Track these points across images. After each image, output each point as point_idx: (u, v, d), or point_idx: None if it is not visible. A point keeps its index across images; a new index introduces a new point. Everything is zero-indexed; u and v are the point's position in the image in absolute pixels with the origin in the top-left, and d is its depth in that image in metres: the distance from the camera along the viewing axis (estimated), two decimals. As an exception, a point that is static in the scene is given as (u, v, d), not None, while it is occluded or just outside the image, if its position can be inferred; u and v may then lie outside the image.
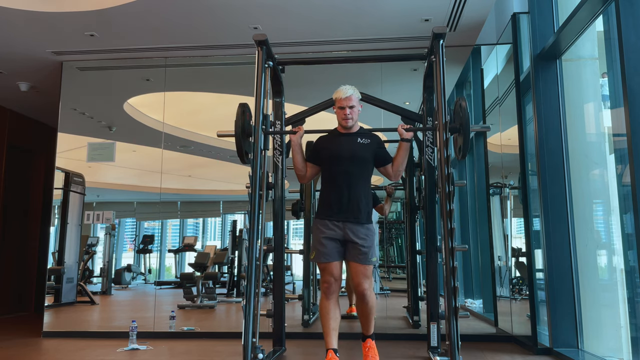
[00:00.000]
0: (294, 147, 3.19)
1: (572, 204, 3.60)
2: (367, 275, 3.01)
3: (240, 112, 3.20)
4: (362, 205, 3.06)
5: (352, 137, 3.15)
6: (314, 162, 3.23)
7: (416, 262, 4.61)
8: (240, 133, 3.14)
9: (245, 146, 3.19)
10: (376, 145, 3.17)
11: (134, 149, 5.17)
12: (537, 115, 3.73)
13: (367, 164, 3.14)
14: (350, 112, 3.10)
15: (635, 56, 2.62)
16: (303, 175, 3.24)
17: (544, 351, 3.58)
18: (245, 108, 3.23)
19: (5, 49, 4.68)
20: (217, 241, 5.77)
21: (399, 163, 3.14)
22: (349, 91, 3.10)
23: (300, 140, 3.21)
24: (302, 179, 3.32)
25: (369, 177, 3.18)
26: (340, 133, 3.19)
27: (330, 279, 3.01)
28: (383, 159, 3.17)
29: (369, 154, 3.13)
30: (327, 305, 2.99)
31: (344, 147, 3.12)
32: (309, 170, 3.24)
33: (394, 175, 3.18)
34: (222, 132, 3.28)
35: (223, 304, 5.39)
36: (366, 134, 3.20)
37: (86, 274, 5.27)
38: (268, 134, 3.28)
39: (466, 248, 3.89)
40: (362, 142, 3.14)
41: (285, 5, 3.93)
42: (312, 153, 3.25)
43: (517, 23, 4.01)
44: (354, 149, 3.11)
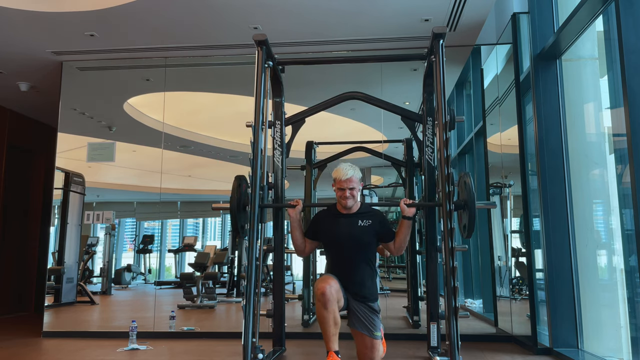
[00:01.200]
0: (293, 223, 3.14)
1: (572, 204, 3.60)
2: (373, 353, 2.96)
3: (236, 185, 3.14)
4: (366, 285, 3.02)
5: (352, 219, 3.08)
6: (313, 238, 3.19)
7: (416, 262, 4.61)
8: (236, 207, 3.10)
9: (241, 220, 3.15)
10: (378, 226, 3.09)
11: (134, 149, 5.17)
12: (537, 115, 3.73)
13: (370, 246, 3.08)
14: (350, 193, 3.03)
15: (635, 56, 2.62)
16: (302, 250, 3.20)
17: (544, 351, 3.58)
18: (242, 181, 3.18)
19: (5, 49, 4.68)
20: (217, 241, 5.78)
21: (400, 240, 3.10)
22: (349, 172, 3.03)
23: (298, 215, 3.15)
24: (301, 254, 3.28)
25: (372, 257, 3.14)
26: (340, 213, 3.12)
27: (325, 286, 2.83)
28: (385, 236, 3.11)
29: (371, 236, 3.07)
30: (324, 314, 2.83)
31: (343, 230, 3.05)
32: (308, 246, 3.21)
33: (396, 251, 3.14)
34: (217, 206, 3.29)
35: (223, 304, 5.39)
36: (367, 213, 3.11)
37: (86, 274, 5.27)
38: (264, 207, 3.23)
39: (466, 248, 3.90)
40: (362, 225, 3.06)
41: (285, 5, 3.93)
42: (311, 231, 3.19)
43: (517, 23, 4.01)
44: (355, 234, 3.04)
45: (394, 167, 4.88)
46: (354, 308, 3.01)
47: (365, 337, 2.98)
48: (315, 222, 3.20)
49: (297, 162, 4.66)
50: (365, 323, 2.98)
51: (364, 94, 3.67)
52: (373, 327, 2.98)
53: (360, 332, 2.98)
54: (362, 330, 2.98)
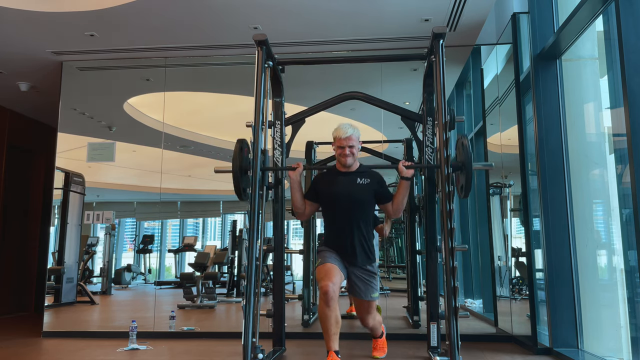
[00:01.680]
0: (293, 185, 3.16)
1: (572, 204, 3.60)
2: (370, 312, 3.11)
3: (238, 148, 3.16)
4: (364, 246, 3.07)
5: (351, 177, 3.12)
6: (313, 200, 3.22)
7: (416, 262, 4.61)
8: (238, 170, 3.12)
9: (242, 183, 3.16)
10: (376, 185, 3.14)
11: (134, 149, 5.17)
12: (537, 115, 3.73)
13: (368, 205, 3.12)
14: (349, 151, 3.08)
15: (635, 56, 2.62)
16: (302, 212, 3.22)
17: (544, 351, 3.58)
18: (243, 144, 3.19)
19: (5, 49, 4.68)
20: (217, 241, 5.77)
21: (399, 201, 3.13)
22: (348, 130, 3.07)
23: (299, 177, 3.17)
24: (300, 217, 3.30)
25: (370, 217, 3.18)
26: (339, 172, 3.16)
27: (328, 284, 2.92)
28: (384, 197, 3.16)
29: (369, 194, 3.11)
30: (326, 312, 2.92)
31: (343, 188, 3.09)
32: (308, 208, 3.23)
33: (394, 213, 3.18)
34: (219, 169, 3.27)
35: (223, 304, 5.39)
36: (366, 173, 3.16)
37: (86, 274, 5.27)
38: (265, 170, 3.25)
39: (466, 248, 3.89)
40: (361, 183, 3.11)
41: (285, 5, 3.93)
42: (311, 192, 3.23)
43: (517, 23, 4.01)
44: (354, 191, 3.09)
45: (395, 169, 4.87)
46: (353, 274, 3.09)
47: (363, 301, 3.11)
48: (315, 183, 3.26)
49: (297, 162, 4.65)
50: (363, 287, 3.08)
51: (364, 94, 3.67)
52: (370, 290, 3.09)
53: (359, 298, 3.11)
54: (359, 296, 3.09)
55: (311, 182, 3.33)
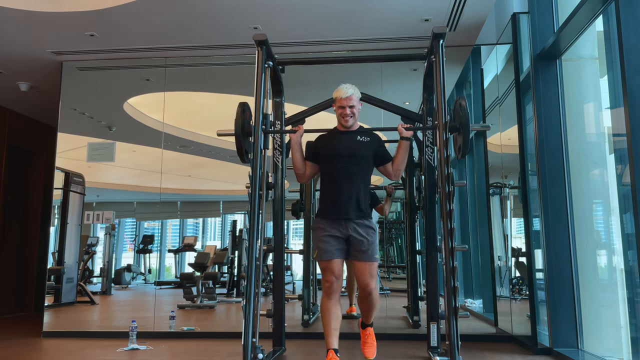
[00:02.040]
0: (294, 146, 3.18)
1: (572, 204, 3.60)
2: (372, 274, 3.03)
3: (240, 111, 3.18)
4: (361, 202, 3.06)
5: (352, 135, 3.15)
6: (313, 160, 3.22)
7: (416, 262, 4.61)
8: (240, 132, 3.14)
9: (245, 145, 3.18)
10: (376, 144, 3.16)
11: (134, 149, 5.17)
12: (537, 115, 3.73)
13: (367, 161, 3.13)
14: (350, 111, 3.10)
15: (635, 56, 2.62)
16: (302, 174, 3.23)
17: (544, 351, 3.58)
18: (245, 107, 3.21)
19: (5, 49, 4.68)
20: (217, 241, 5.77)
21: (399, 162, 3.14)
22: (349, 90, 3.09)
23: (300, 139, 3.20)
24: (300, 178, 3.30)
25: (368, 175, 3.18)
26: (340, 131, 3.19)
27: (331, 278, 2.99)
28: (383, 157, 3.16)
29: (368, 151, 3.12)
30: (329, 305, 2.98)
31: (343, 145, 3.11)
32: (308, 170, 3.23)
33: (394, 174, 3.17)
34: (222, 132, 3.27)
35: (223, 304, 5.39)
36: (366, 132, 3.19)
37: (86, 274, 5.26)
38: (268, 133, 3.28)
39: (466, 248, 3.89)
40: (362, 140, 3.13)
41: (285, 5, 3.93)
42: (311, 151, 3.23)
43: (517, 23, 4.01)
44: (354, 146, 3.10)
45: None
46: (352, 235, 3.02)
47: (365, 263, 3.02)
48: (315, 143, 3.26)
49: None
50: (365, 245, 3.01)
51: (364, 94, 3.67)
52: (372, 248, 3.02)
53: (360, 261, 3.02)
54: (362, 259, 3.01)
55: (312, 144, 3.30)
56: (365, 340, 3.27)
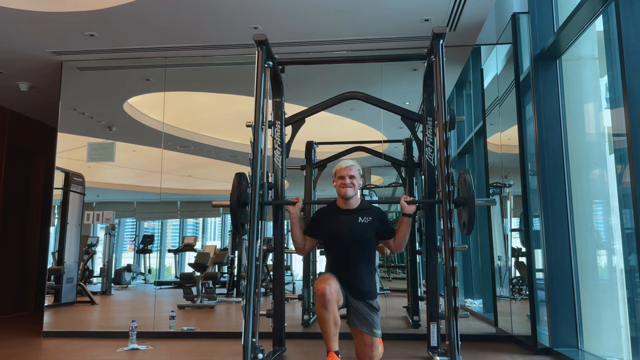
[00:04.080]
0: (293, 220, 3.14)
1: (572, 204, 3.60)
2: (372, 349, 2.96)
3: (236, 182, 3.14)
4: (365, 287, 3.02)
5: (353, 215, 3.07)
6: (312, 236, 3.18)
7: (416, 262, 4.61)
8: (236, 204, 3.10)
9: (241, 217, 3.15)
10: (378, 222, 3.09)
11: (134, 149, 5.17)
12: (537, 115, 3.73)
13: (369, 243, 3.08)
14: (350, 181, 3.04)
15: (635, 56, 2.62)
16: (301, 248, 3.19)
17: (544, 351, 3.58)
18: (242, 178, 3.17)
19: (5, 49, 4.68)
20: (217, 241, 5.78)
21: (400, 238, 3.10)
22: (349, 162, 3.07)
23: (298, 212, 3.15)
24: (300, 252, 3.27)
25: (372, 255, 3.14)
26: (340, 209, 3.11)
27: (325, 286, 2.83)
28: (385, 234, 3.11)
29: (370, 233, 3.06)
30: (324, 315, 2.83)
31: (344, 227, 3.04)
32: (308, 244, 3.20)
33: (396, 249, 3.14)
34: (217, 203, 3.25)
35: (223, 304, 5.39)
36: (367, 210, 3.11)
37: (86, 274, 5.27)
38: (265, 205, 3.23)
39: (466, 248, 3.90)
40: (363, 222, 3.05)
41: (285, 5, 3.93)
42: (311, 229, 3.19)
43: (517, 23, 4.01)
44: (355, 230, 3.03)
45: (394, 167, 4.88)
46: (354, 306, 3.01)
47: (364, 334, 2.98)
48: (315, 220, 3.21)
49: (297, 162, 4.66)
50: (365, 321, 2.98)
51: (364, 94, 3.67)
52: (372, 324, 2.98)
53: (360, 330, 2.99)
54: (361, 328, 2.98)
55: (311, 219, 3.27)
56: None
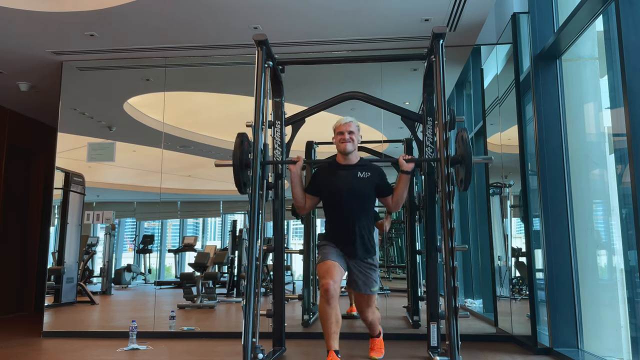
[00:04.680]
0: (293, 179, 3.17)
1: (572, 204, 3.60)
2: (370, 305, 3.11)
3: (238, 142, 3.15)
4: (365, 242, 3.08)
5: (352, 170, 3.12)
6: (313, 194, 3.22)
7: (416, 262, 4.61)
8: (239, 164, 3.12)
9: (243, 177, 3.16)
10: (377, 178, 3.14)
11: (134, 149, 5.17)
12: (537, 115, 3.73)
13: (368, 198, 3.12)
14: (349, 137, 3.08)
15: (635, 56, 2.62)
16: (302, 206, 3.23)
17: (544, 351, 3.58)
18: (244, 138, 3.19)
19: (5, 49, 4.68)
20: (217, 241, 5.77)
21: (398, 195, 3.13)
22: (348, 118, 3.12)
23: (299, 171, 3.17)
24: (301, 210, 3.30)
25: (370, 211, 3.19)
26: (340, 165, 3.16)
27: (329, 282, 2.96)
28: (384, 191, 3.16)
29: (369, 188, 3.11)
30: (327, 310, 2.95)
31: (343, 182, 3.09)
32: (308, 202, 3.23)
33: (394, 206, 3.19)
34: (220, 163, 3.26)
35: (223, 304, 5.39)
36: (366, 166, 3.16)
37: (86, 274, 5.27)
38: (266, 164, 3.25)
39: (466, 248, 3.90)
40: (362, 177, 3.11)
41: (285, 5, 3.93)
42: (311, 186, 3.23)
43: (517, 23, 4.01)
44: (354, 184, 3.08)
45: (394, 167, 4.87)
46: (353, 268, 3.09)
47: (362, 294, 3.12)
48: (315, 177, 3.25)
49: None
50: (364, 279, 3.08)
51: (364, 94, 3.67)
52: (371, 283, 3.09)
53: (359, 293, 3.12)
54: (359, 290, 3.10)
55: (311, 176, 3.32)
56: (373, 347, 3.33)
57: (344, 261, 3.11)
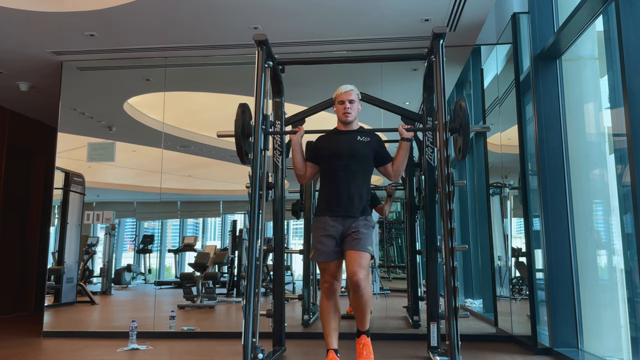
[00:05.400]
0: (294, 147, 3.18)
1: (572, 204, 3.60)
2: (362, 264, 2.87)
3: (240, 112, 3.18)
4: (363, 199, 3.06)
5: (352, 134, 3.14)
6: (313, 161, 3.21)
7: (416, 262, 4.61)
8: (240, 133, 3.13)
9: (245, 146, 3.18)
10: (376, 144, 3.15)
11: (134, 149, 5.17)
12: (537, 115, 3.73)
13: (367, 161, 3.12)
14: (350, 106, 3.09)
15: (635, 56, 2.62)
16: (302, 175, 3.22)
17: (544, 351, 3.58)
18: (245, 108, 3.21)
19: (5, 49, 4.68)
20: (217, 241, 5.77)
21: (399, 162, 3.13)
22: (349, 87, 3.12)
23: (300, 139, 3.19)
24: (301, 179, 3.30)
25: (368, 175, 3.17)
26: (340, 131, 3.17)
27: (330, 279, 2.99)
28: (383, 158, 3.15)
29: (369, 151, 3.11)
30: (328, 306, 2.98)
31: (343, 144, 3.10)
32: (309, 170, 3.22)
33: (394, 174, 3.16)
34: (222, 132, 3.27)
35: (223, 304, 5.39)
36: (366, 132, 3.19)
37: (86, 274, 5.27)
38: (268, 134, 3.27)
39: (466, 248, 3.90)
40: (362, 140, 3.12)
41: (285, 5, 3.93)
42: (312, 152, 3.23)
43: (517, 23, 4.01)
44: (354, 146, 3.09)
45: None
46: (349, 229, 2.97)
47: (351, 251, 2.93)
48: (315, 144, 3.25)
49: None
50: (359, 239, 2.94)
51: (364, 94, 3.67)
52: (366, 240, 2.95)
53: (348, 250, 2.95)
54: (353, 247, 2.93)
55: (312, 145, 3.30)
56: (361, 351, 3.01)
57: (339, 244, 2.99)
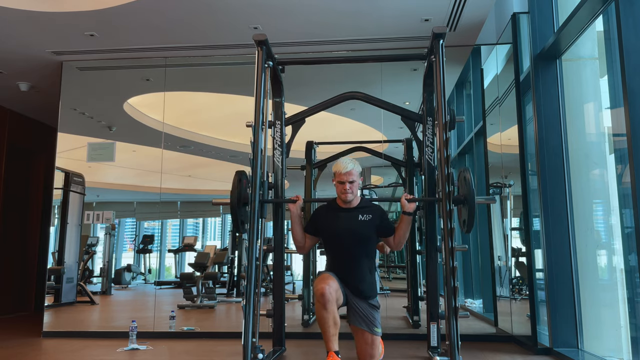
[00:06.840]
0: (293, 218, 3.14)
1: (572, 204, 3.60)
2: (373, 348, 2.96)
3: (236, 180, 3.13)
4: (365, 284, 3.02)
5: (352, 213, 3.08)
6: (312, 234, 3.18)
7: (416, 262, 4.61)
8: (236, 202, 3.11)
9: (241, 215, 3.15)
10: (378, 220, 3.09)
11: (134, 149, 5.17)
12: (537, 115, 3.73)
13: (369, 241, 3.08)
14: (350, 186, 3.02)
15: (635, 56, 2.62)
16: (302, 246, 3.19)
17: (544, 351, 3.58)
18: (242, 176, 3.17)
19: (5, 49, 4.68)
20: (217, 241, 5.77)
21: (400, 236, 3.10)
22: (349, 165, 3.03)
23: (299, 210, 3.15)
24: (300, 250, 3.26)
25: (372, 252, 3.15)
26: (340, 207, 3.11)
27: (324, 286, 2.83)
28: (386, 231, 3.11)
29: (370, 230, 3.06)
30: (324, 315, 2.83)
31: (344, 224, 3.04)
32: (308, 242, 3.19)
33: (396, 246, 3.14)
34: (217, 201, 3.28)
35: (223, 304, 5.39)
36: (367, 208, 3.11)
37: (86, 274, 5.27)
38: (265, 203, 3.23)
39: (466, 248, 3.90)
40: (363, 219, 3.06)
41: (285, 5, 3.94)
42: (311, 226, 3.18)
43: (517, 23, 4.01)
44: (355, 227, 3.03)
45: (394, 167, 4.88)
46: (354, 304, 3.01)
47: (365, 333, 2.98)
48: (315, 217, 3.20)
49: (297, 162, 4.66)
50: (365, 319, 2.98)
51: (364, 94, 3.67)
52: (373, 322, 2.98)
53: (360, 328, 2.98)
54: (361, 326, 2.98)
55: (311, 216, 3.26)
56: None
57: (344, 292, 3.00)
